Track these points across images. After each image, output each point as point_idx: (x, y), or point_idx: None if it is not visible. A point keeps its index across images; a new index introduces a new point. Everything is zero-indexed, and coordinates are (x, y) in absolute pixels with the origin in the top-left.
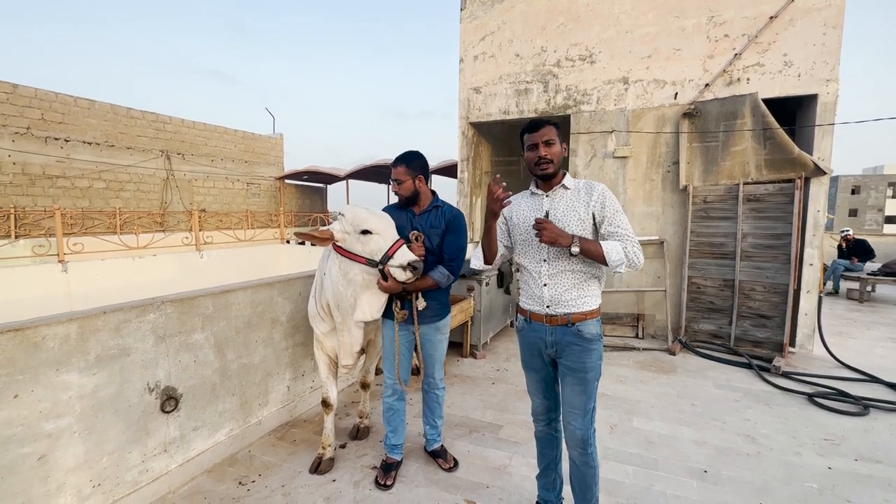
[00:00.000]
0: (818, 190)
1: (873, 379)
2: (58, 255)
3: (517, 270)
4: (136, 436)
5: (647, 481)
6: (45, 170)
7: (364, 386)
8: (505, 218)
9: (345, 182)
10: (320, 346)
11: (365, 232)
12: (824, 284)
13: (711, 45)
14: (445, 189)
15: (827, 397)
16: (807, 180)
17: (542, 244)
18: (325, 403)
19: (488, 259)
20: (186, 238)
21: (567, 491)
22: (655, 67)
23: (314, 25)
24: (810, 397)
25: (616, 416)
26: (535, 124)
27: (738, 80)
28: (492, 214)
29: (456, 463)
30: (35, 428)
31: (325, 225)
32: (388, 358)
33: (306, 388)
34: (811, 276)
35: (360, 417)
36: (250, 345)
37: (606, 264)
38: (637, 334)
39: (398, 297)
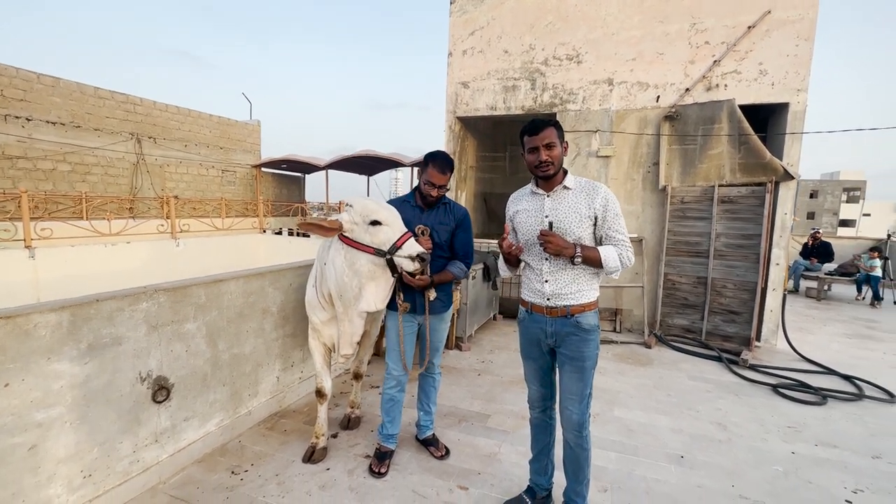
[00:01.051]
0: (786, 194)
1: (830, 371)
2: (24, 240)
3: (523, 266)
4: (128, 426)
5: (629, 466)
6: (5, 150)
7: (357, 376)
8: (510, 217)
9: (324, 172)
10: (317, 335)
11: (374, 223)
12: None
13: (693, 50)
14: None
15: (789, 388)
16: (776, 184)
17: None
18: (320, 393)
19: (513, 267)
20: (162, 225)
21: (557, 476)
22: (639, 70)
23: (289, 9)
24: (775, 388)
25: (598, 405)
26: (535, 126)
27: (717, 86)
28: (505, 253)
29: (447, 451)
30: (26, 418)
31: (304, 215)
32: (394, 348)
33: (295, 379)
34: (777, 275)
35: (352, 407)
36: (241, 335)
37: (602, 269)
38: (615, 328)
39: (402, 290)
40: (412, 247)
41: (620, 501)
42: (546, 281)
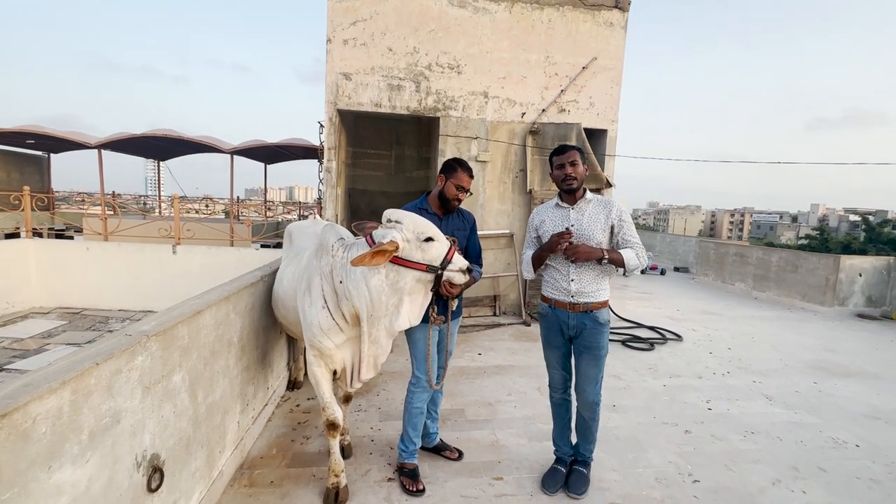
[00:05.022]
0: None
1: (640, 325)
2: None
3: (543, 267)
4: None
5: None
6: None
7: (347, 399)
8: (535, 227)
9: (96, 153)
10: (327, 361)
11: (429, 239)
12: None
13: (547, 78)
14: (249, 173)
15: (631, 342)
16: (600, 191)
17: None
18: (333, 426)
19: (536, 269)
20: None
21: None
22: (508, 88)
23: None
24: (623, 343)
25: (534, 381)
26: (562, 148)
27: (564, 110)
28: (550, 250)
29: (461, 452)
30: None
31: (53, 208)
32: (425, 360)
33: (250, 420)
34: None
35: (343, 435)
36: (214, 378)
37: (624, 268)
38: (495, 312)
39: (435, 302)
40: (461, 260)
41: (605, 449)
42: (572, 280)
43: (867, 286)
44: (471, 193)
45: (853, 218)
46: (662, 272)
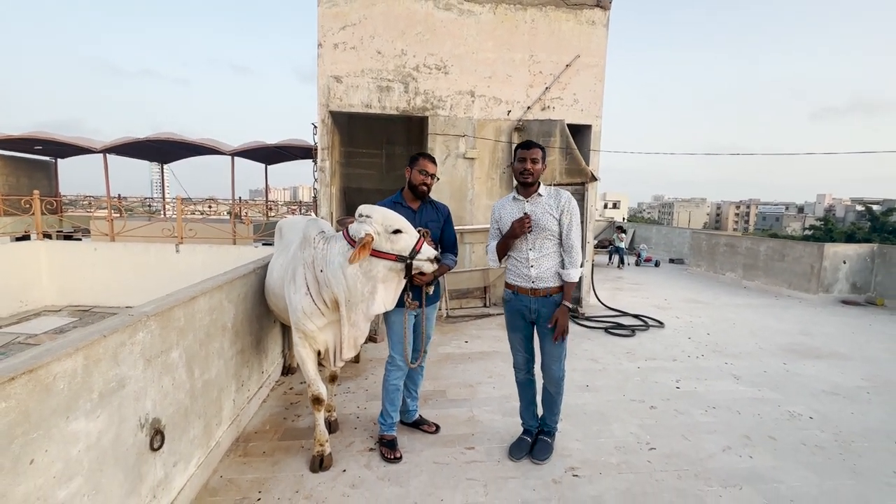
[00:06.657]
0: (591, 192)
1: (625, 313)
2: None
3: (506, 257)
4: (133, 485)
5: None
6: None
7: (333, 379)
8: (497, 219)
9: (102, 157)
10: (311, 342)
11: (396, 231)
12: None
13: (532, 77)
14: (252, 174)
15: (614, 329)
16: (585, 185)
17: (527, 237)
18: (317, 400)
19: (500, 259)
20: None
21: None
22: (494, 87)
23: None
24: (606, 330)
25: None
26: (527, 144)
27: (548, 107)
28: (513, 236)
29: (437, 426)
30: (50, 501)
31: (60, 211)
32: (400, 341)
33: (245, 399)
34: (588, 250)
35: (329, 411)
36: (209, 358)
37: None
38: (485, 304)
39: (410, 288)
40: (429, 250)
41: (573, 423)
42: (532, 266)
43: (851, 273)
44: (437, 178)
45: (860, 208)
46: (657, 264)
